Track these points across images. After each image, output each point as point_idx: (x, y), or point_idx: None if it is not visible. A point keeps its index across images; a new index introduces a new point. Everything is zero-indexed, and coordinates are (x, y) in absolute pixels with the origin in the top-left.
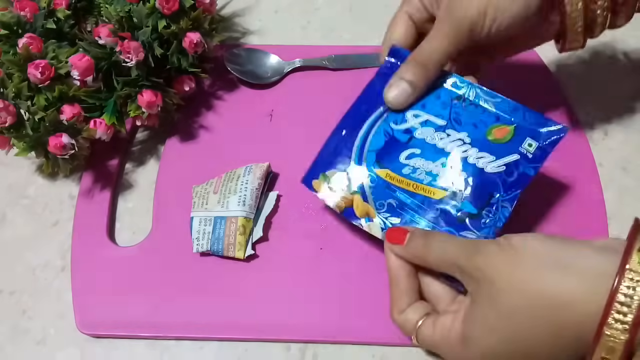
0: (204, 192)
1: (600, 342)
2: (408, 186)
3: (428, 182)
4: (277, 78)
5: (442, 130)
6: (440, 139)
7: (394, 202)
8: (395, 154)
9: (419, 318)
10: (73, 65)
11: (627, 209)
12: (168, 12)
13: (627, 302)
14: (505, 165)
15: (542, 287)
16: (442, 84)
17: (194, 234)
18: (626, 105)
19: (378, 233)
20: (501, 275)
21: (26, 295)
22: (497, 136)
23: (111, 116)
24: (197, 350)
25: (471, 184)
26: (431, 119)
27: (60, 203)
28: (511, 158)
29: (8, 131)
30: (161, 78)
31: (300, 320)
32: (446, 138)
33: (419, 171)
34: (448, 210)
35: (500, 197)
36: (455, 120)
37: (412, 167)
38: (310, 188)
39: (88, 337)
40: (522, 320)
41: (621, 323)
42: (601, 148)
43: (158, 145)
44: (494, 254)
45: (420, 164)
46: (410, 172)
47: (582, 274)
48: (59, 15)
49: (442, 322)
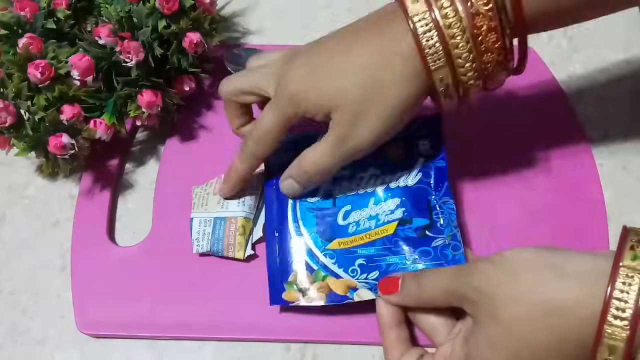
0: (204, 193)
1: (601, 342)
2: (362, 240)
3: (376, 225)
4: None
5: (353, 178)
6: (357, 186)
7: (362, 260)
8: (333, 223)
9: (415, 358)
10: (73, 65)
11: (627, 209)
12: (168, 12)
13: (624, 298)
14: (420, 172)
15: (540, 295)
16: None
17: (193, 235)
18: (626, 105)
19: (370, 295)
20: (499, 290)
21: (26, 295)
22: (395, 155)
23: (111, 116)
24: (197, 350)
25: (408, 202)
26: (338, 174)
27: (60, 203)
28: (418, 164)
29: (8, 131)
30: (161, 78)
31: (300, 320)
32: (361, 182)
33: (362, 222)
34: (408, 236)
35: (436, 197)
36: (359, 165)
37: (354, 222)
38: (284, 304)
39: (88, 337)
40: (525, 330)
41: (620, 319)
42: (601, 148)
43: (158, 145)
44: (490, 272)
45: (358, 216)
46: (356, 227)
47: (577, 276)
48: (59, 15)
49: (442, 352)
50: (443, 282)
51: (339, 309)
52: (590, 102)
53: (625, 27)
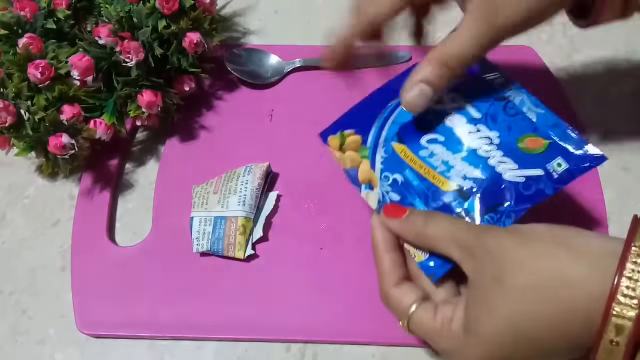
0: (204, 192)
1: (609, 320)
2: (420, 168)
3: (441, 171)
4: (277, 78)
5: (474, 124)
6: (468, 133)
7: (400, 178)
8: (418, 134)
9: (414, 300)
10: (73, 65)
11: (627, 209)
12: (168, 12)
13: (635, 277)
14: (526, 177)
15: (551, 266)
16: (487, 79)
17: (194, 234)
18: (626, 105)
19: (374, 203)
20: (510, 256)
21: (26, 295)
22: (529, 146)
23: (111, 116)
24: (197, 350)
25: (484, 185)
26: (467, 108)
27: (60, 203)
28: (535, 172)
29: (8, 131)
30: (161, 78)
31: (300, 320)
32: (475, 133)
33: (436, 157)
34: (451, 205)
35: (508, 207)
36: (491, 117)
37: (431, 151)
38: (324, 142)
39: (88, 337)
40: (530, 298)
41: (630, 298)
42: (601, 148)
43: (158, 145)
44: (503, 236)
45: (440, 151)
46: (427, 155)
47: (589, 253)
48: (59, 15)
49: (444, 311)
50: (453, 229)
51: (338, 309)
52: (590, 102)
53: (625, 27)
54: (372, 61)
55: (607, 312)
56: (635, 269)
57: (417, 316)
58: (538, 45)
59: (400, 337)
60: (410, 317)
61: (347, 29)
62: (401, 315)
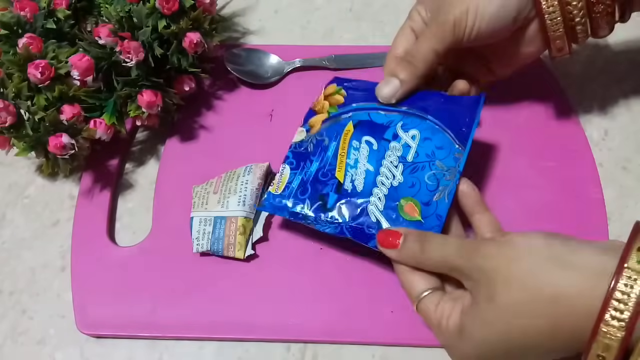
0: (204, 192)
1: (596, 340)
2: (342, 150)
3: (347, 163)
4: (277, 78)
5: (401, 161)
6: (390, 161)
7: (326, 143)
8: (368, 130)
9: (426, 288)
10: (73, 65)
11: (627, 209)
12: (168, 12)
13: (624, 300)
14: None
15: (541, 282)
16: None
17: (194, 234)
18: (626, 105)
19: (296, 137)
20: (500, 274)
21: (26, 295)
22: (407, 211)
23: (111, 116)
24: (197, 350)
25: (351, 199)
26: (409, 142)
27: (60, 203)
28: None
29: (8, 131)
30: (161, 78)
31: (300, 320)
32: (392, 166)
33: (358, 153)
34: (324, 188)
35: (343, 222)
36: (411, 167)
37: (360, 147)
38: (333, 82)
39: (88, 337)
40: (521, 314)
41: (618, 320)
42: (601, 148)
43: (158, 145)
44: (493, 254)
45: (364, 153)
46: (355, 147)
47: (581, 271)
48: (59, 15)
49: (444, 308)
50: (447, 253)
51: (339, 309)
52: (590, 102)
53: (626, 27)
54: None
55: (594, 333)
56: (625, 291)
57: (424, 304)
58: None
59: (400, 337)
60: (419, 303)
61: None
62: (413, 298)
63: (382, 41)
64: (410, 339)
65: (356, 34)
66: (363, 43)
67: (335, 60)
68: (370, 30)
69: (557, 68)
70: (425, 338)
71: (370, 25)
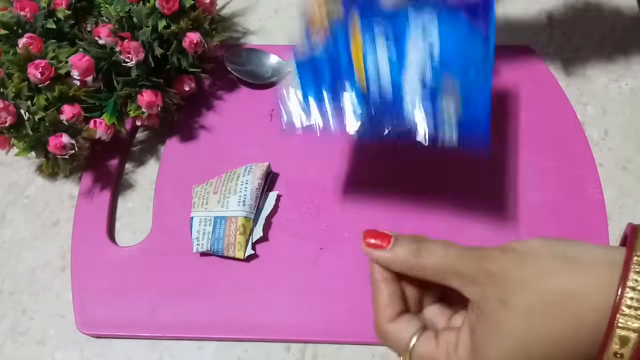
0: (204, 192)
1: (613, 333)
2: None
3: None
4: (277, 78)
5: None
6: (416, 49)
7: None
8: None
9: (414, 332)
10: (73, 65)
11: (627, 209)
12: (168, 12)
13: (638, 287)
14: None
15: (554, 283)
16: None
17: (194, 234)
18: (626, 106)
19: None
20: (513, 276)
21: (26, 295)
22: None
23: (111, 116)
24: (197, 350)
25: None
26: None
27: (60, 203)
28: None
29: (8, 131)
30: (161, 78)
31: (300, 320)
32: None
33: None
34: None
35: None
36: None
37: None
38: None
39: (88, 337)
40: (541, 318)
41: (634, 309)
42: (601, 148)
43: (158, 145)
44: (502, 258)
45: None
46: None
47: (591, 266)
48: (59, 15)
49: (447, 338)
50: (448, 260)
51: (338, 309)
52: (590, 102)
53: (625, 27)
54: None
55: (612, 324)
56: (639, 279)
57: (419, 347)
58: (538, 45)
59: None
60: (412, 351)
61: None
62: (401, 350)
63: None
64: None
65: None
66: None
67: None
68: None
69: (557, 68)
70: None
71: None
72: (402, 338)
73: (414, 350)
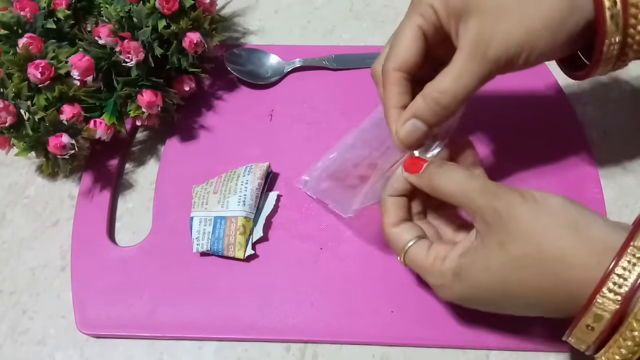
0: (204, 192)
1: (589, 309)
2: None
3: None
4: (277, 78)
5: None
6: None
7: None
8: None
9: (411, 238)
10: (73, 65)
11: (627, 209)
12: (168, 12)
13: (625, 275)
14: None
15: (554, 245)
16: None
17: (194, 233)
18: (626, 105)
19: None
20: (518, 224)
21: (26, 295)
22: None
23: (111, 116)
24: (197, 350)
25: None
26: None
27: (60, 203)
28: None
29: (8, 131)
30: (161, 78)
31: (300, 320)
32: None
33: None
34: None
35: None
36: None
37: None
38: None
39: (88, 337)
40: (527, 267)
41: (615, 294)
42: (601, 148)
43: (158, 145)
44: (516, 203)
45: None
46: None
47: (591, 242)
48: (59, 15)
49: (438, 250)
50: (466, 187)
51: (339, 309)
52: (590, 102)
53: None
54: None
55: (589, 302)
56: (627, 267)
57: (412, 252)
58: None
59: (400, 337)
60: (406, 253)
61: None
62: (399, 251)
63: (382, 41)
64: (410, 339)
65: (356, 33)
66: (363, 43)
67: (335, 60)
68: (370, 30)
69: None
70: (425, 338)
71: (370, 25)
72: (400, 241)
73: (406, 253)
